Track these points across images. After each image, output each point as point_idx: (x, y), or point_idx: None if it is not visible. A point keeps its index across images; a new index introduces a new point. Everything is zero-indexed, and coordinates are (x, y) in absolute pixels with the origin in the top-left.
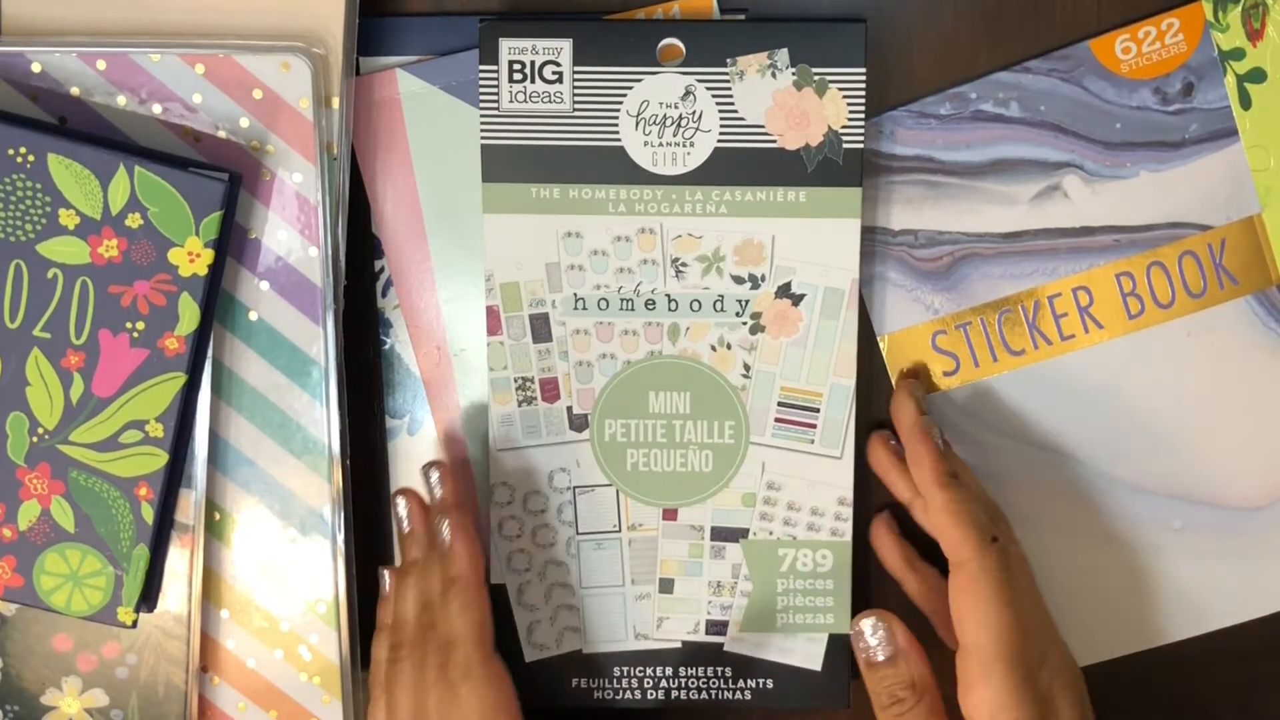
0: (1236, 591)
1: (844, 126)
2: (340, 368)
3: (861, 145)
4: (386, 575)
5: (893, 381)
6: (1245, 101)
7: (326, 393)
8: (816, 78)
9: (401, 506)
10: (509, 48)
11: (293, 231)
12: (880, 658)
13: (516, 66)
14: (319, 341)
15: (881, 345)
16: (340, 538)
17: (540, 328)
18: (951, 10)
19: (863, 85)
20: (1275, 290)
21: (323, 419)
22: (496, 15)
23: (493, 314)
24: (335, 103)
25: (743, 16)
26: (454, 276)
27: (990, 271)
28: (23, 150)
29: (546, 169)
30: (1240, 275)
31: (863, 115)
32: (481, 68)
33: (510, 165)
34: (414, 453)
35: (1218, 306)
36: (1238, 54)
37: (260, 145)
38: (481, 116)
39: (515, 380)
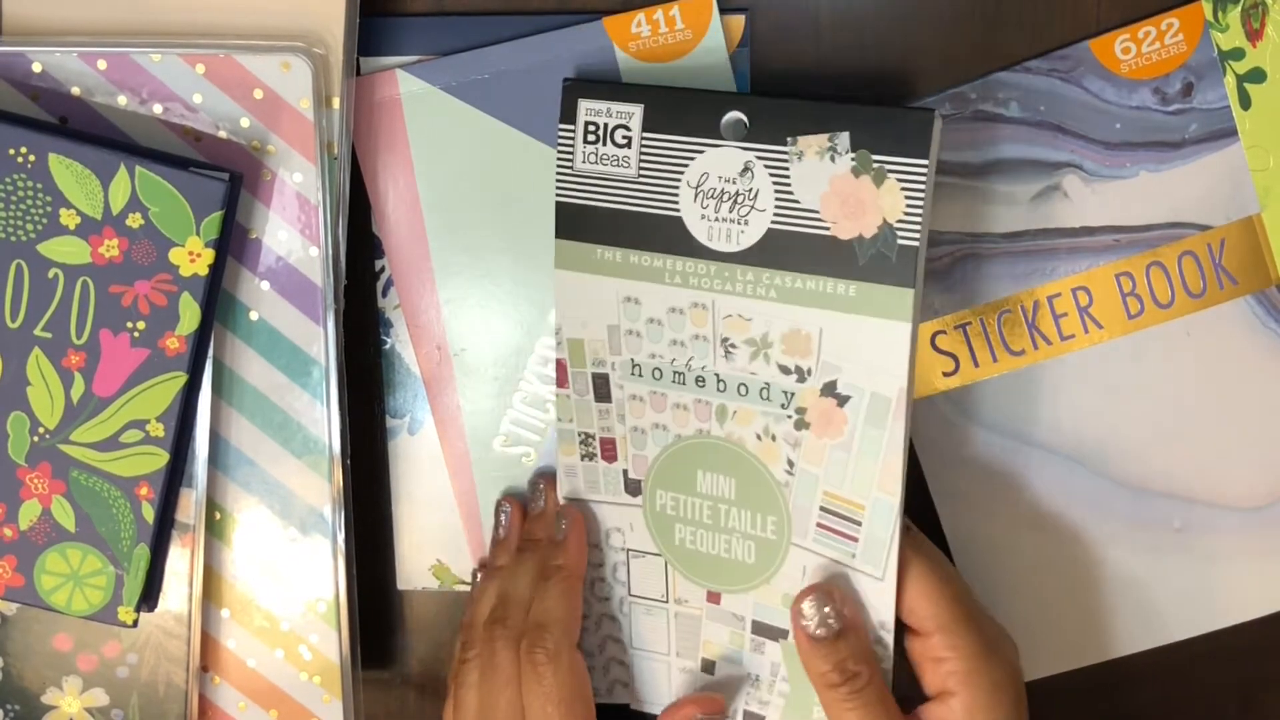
0: (1237, 591)
1: (899, 221)
2: (340, 368)
3: (917, 244)
4: (479, 576)
5: None
6: (1245, 101)
7: (327, 393)
8: (876, 166)
9: (504, 514)
10: (586, 109)
11: (293, 231)
12: (827, 634)
13: (591, 128)
14: (319, 341)
15: None
16: (340, 538)
17: (601, 387)
18: (951, 10)
19: (924, 180)
20: (1275, 290)
21: (323, 419)
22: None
23: (561, 367)
24: (336, 103)
25: (743, 16)
26: (454, 276)
27: (990, 271)
28: (23, 150)
29: (611, 232)
30: (1240, 275)
31: (921, 211)
32: (560, 126)
33: (580, 224)
34: (414, 453)
35: (1217, 306)
36: (1237, 54)
37: (261, 145)
38: (558, 174)
39: (579, 435)
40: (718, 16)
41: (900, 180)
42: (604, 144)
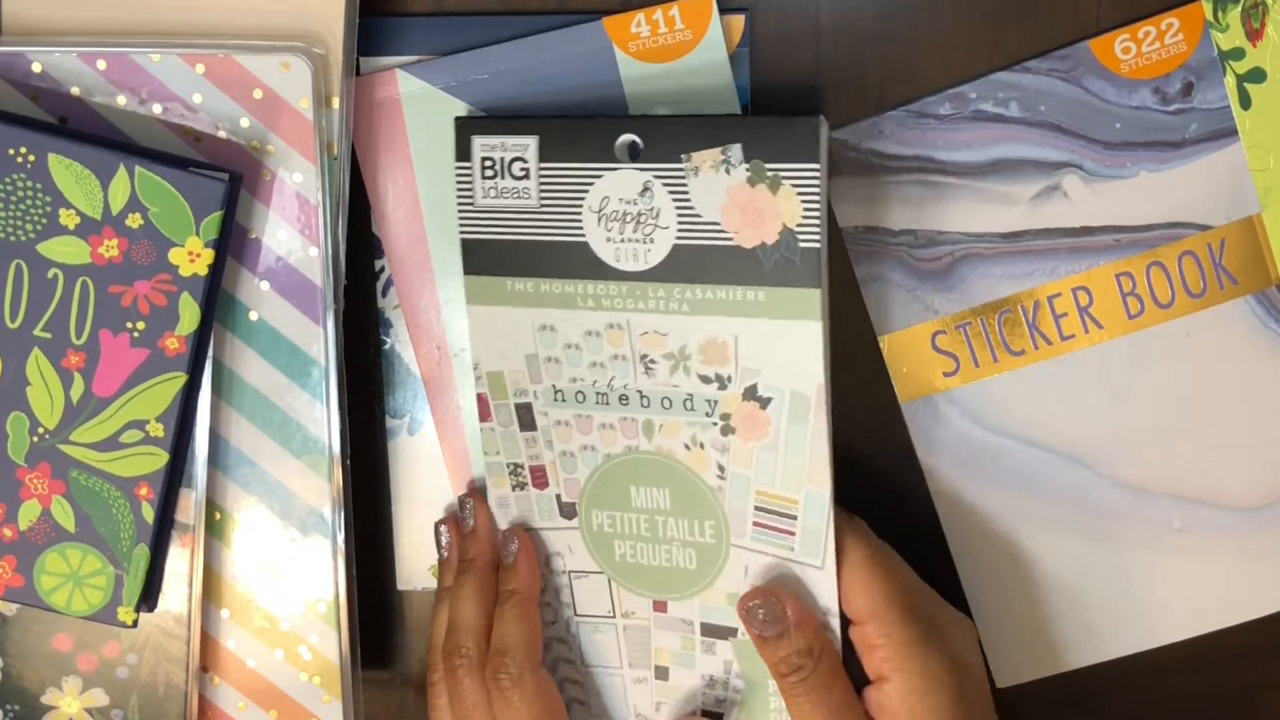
0: (1236, 592)
1: (799, 225)
2: (340, 368)
3: (818, 245)
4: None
5: (894, 383)
6: (1245, 101)
7: (326, 393)
8: (770, 174)
9: (442, 535)
10: (481, 144)
11: (293, 231)
12: (772, 634)
13: (488, 163)
14: (319, 341)
15: (882, 346)
16: (340, 538)
17: (525, 417)
18: (951, 10)
19: (817, 183)
20: (1275, 290)
21: (323, 419)
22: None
23: (482, 401)
24: (335, 103)
25: (743, 16)
26: (454, 276)
27: (990, 271)
28: (23, 150)
29: (519, 263)
30: (1240, 275)
31: (818, 214)
32: (457, 164)
33: (487, 258)
34: (414, 453)
35: (1218, 306)
36: (1237, 54)
37: (260, 145)
38: (459, 211)
39: (508, 466)
40: (717, 16)
41: (795, 186)
42: (502, 177)
